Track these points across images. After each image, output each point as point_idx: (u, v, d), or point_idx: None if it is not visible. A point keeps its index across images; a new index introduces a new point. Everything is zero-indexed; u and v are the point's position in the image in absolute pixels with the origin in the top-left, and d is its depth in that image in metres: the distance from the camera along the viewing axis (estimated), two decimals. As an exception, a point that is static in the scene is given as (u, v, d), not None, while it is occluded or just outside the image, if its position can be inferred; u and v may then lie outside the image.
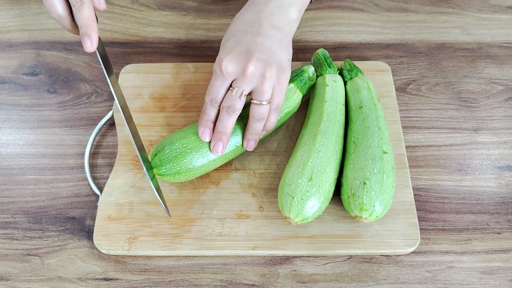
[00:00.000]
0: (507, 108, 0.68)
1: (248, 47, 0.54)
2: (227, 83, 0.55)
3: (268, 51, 0.55)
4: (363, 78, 0.64)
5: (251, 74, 0.53)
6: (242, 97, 0.54)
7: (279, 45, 0.56)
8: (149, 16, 0.79)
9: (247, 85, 0.54)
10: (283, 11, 0.58)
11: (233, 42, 0.55)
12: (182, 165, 0.56)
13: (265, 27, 0.56)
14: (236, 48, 0.54)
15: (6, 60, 0.75)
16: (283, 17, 0.57)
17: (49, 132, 0.67)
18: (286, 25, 0.58)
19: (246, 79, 0.54)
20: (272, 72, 0.54)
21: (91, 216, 0.60)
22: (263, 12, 0.57)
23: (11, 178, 0.63)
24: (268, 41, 0.55)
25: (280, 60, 0.56)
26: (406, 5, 0.79)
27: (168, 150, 0.56)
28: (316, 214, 0.54)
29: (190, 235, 0.57)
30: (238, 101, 0.54)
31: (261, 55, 0.54)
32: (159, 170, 0.57)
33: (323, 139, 0.57)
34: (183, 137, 0.57)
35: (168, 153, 0.56)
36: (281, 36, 0.57)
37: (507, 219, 0.59)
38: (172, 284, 0.55)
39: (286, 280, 0.55)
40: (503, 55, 0.73)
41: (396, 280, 0.55)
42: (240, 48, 0.54)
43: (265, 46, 0.55)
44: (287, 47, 0.58)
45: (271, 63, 0.54)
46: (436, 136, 0.65)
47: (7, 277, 0.56)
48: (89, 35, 0.50)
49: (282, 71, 0.55)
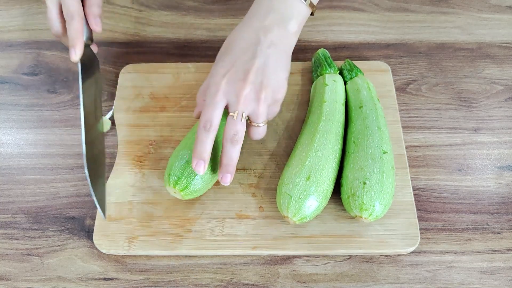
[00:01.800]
0: (507, 108, 0.68)
1: (244, 69, 0.53)
2: (222, 104, 0.53)
3: (264, 72, 0.54)
4: (363, 78, 0.64)
5: (246, 96, 0.53)
6: (243, 120, 0.53)
7: (275, 65, 0.55)
8: (149, 16, 0.79)
9: (244, 108, 0.53)
10: (283, 25, 0.56)
11: (229, 62, 0.54)
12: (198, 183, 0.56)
13: (263, 46, 0.54)
14: (232, 68, 0.54)
15: (6, 60, 0.75)
16: (282, 32, 0.56)
17: (49, 132, 0.67)
18: (285, 39, 0.56)
19: (242, 102, 0.53)
20: (268, 93, 0.54)
21: (91, 216, 0.60)
22: (261, 27, 0.55)
23: (11, 178, 0.63)
24: (264, 62, 0.54)
25: (277, 80, 0.55)
26: (406, 5, 0.79)
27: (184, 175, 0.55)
28: (315, 213, 0.54)
29: (190, 235, 0.57)
30: (240, 125, 0.53)
31: (257, 77, 0.53)
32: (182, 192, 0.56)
33: (322, 138, 0.57)
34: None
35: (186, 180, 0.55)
36: (278, 54, 0.55)
37: (507, 219, 0.59)
38: (172, 284, 0.55)
39: (286, 280, 0.55)
40: (503, 55, 0.73)
41: (396, 280, 0.55)
42: (235, 69, 0.54)
43: (261, 67, 0.54)
44: (285, 65, 0.56)
45: (267, 85, 0.53)
46: (436, 136, 0.65)
47: (7, 277, 0.56)
48: (74, 46, 0.56)
49: (277, 90, 0.55)
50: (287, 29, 0.56)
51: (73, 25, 0.55)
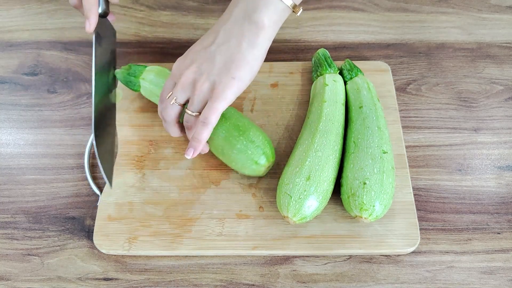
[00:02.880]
0: (507, 108, 0.68)
1: (193, 57, 0.54)
2: (171, 85, 0.56)
3: (210, 65, 0.52)
4: (363, 78, 0.64)
5: (183, 83, 0.54)
6: (173, 103, 0.55)
7: (225, 61, 0.52)
8: (149, 16, 0.79)
9: (180, 93, 0.55)
10: (249, 18, 0.51)
11: (191, 48, 0.56)
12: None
13: (220, 38, 0.53)
14: (187, 54, 0.56)
15: (6, 60, 0.75)
16: (247, 26, 0.52)
17: (49, 132, 0.67)
18: (250, 34, 0.52)
19: (179, 87, 0.55)
20: (204, 86, 0.53)
21: (91, 216, 0.60)
22: (227, 20, 0.53)
23: (11, 178, 0.63)
24: (215, 55, 0.52)
25: (220, 77, 0.52)
26: (406, 5, 0.79)
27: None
28: (315, 213, 0.54)
29: (190, 235, 0.57)
30: (169, 107, 0.56)
31: (200, 68, 0.53)
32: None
33: (322, 138, 0.57)
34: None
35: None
36: (233, 51, 0.52)
37: (507, 219, 0.59)
38: (172, 284, 0.55)
39: (286, 280, 0.55)
40: (503, 55, 0.73)
41: (396, 280, 0.55)
42: (187, 55, 0.55)
43: (209, 59, 0.53)
44: (237, 64, 0.52)
45: (207, 77, 0.53)
46: (436, 136, 0.65)
47: (7, 277, 0.56)
48: (88, 17, 0.57)
49: (219, 87, 0.52)
50: (256, 22, 0.51)
51: None
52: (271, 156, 0.58)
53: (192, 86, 0.54)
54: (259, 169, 0.57)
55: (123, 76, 0.64)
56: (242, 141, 0.57)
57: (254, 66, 0.53)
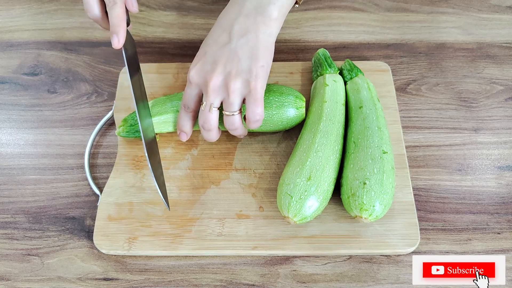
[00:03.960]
0: (507, 108, 0.68)
1: (214, 59, 0.53)
2: (196, 92, 0.56)
3: (235, 61, 0.53)
4: (363, 78, 0.64)
5: (214, 87, 0.53)
6: (212, 110, 0.55)
7: (249, 53, 0.53)
8: (149, 16, 0.79)
9: (213, 98, 0.54)
10: (261, 10, 0.54)
11: (204, 50, 0.55)
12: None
13: (236, 34, 0.53)
14: (203, 58, 0.54)
15: (6, 60, 0.75)
16: (260, 18, 0.54)
17: (49, 132, 0.67)
18: (263, 26, 0.54)
19: (210, 93, 0.54)
20: (236, 84, 0.53)
21: (91, 216, 0.60)
22: (239, 15, 0.54)
23: (11, 178, 0.63)
24: (236, 51, 0.53)
25: (250, 69, 0.53)
26: (406, 5, 0.79)
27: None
28: (315, 213, 0.54)
29: (190, 235, 0.57)
30: (209, 115, 0.55)
31: (226, 67, 0.53)
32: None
33: (322, 139, 0.57)
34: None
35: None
36: (254, 42, 0.53)
37: (507, 219, 0.59)
38: (172, 284, 0.55)
39: (286, 280, 0.55)
40: (503, 55, 0.73)
41: (396, 280, 0.55)
42: (206, 58, 0.54)
43: (231, 56, 0.53)
44: (263, 52, 0.54)
45: (237, 74, 0.53)
46: (436, 136, 0.65)
47: (7, 277, 0.56)
48: (117, 32, 0.54)
49: (253, 79, 0.53)
50: (266, 15, 0.54)
51: (115, 10, 0.54)
52: (302, 96, 0.61)
53: (225, 87, 0.53)
54: (302, 112, 0.60)
55: (127, 132, 0.62)
56: (274, 100, 0.60)
57: (272, 51, 0.56)
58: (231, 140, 0.64)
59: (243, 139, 0.64)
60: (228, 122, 0.56)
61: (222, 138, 0.64)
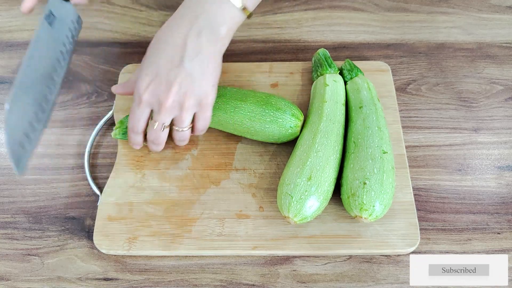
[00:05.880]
0: (507, 108, 0.68)
1: (168, 79, 0.53)
2: (146, 112, 0.56)
3: (189, 82, 0.53)
4: (363, 78, 0.64)
5: (168, 107, 0.54)
6: (164, 129, 0.56)
7: (202, 74, 0.54)
8: (149, 16, 0.79)
9: (166, 117, 0.55)
10: (212, 30, 0.53)
11: (154, 69, 0.53)
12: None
13: (190, 54, 0.53)
14: (156, 79, 0.53)
15: (6, 60, 0.75)
16: (211, 37, 0.53)
17: (49, 132, 0.67)
18: (214, 44, 0.54)
19: (164, 112, 0.54)
20: (191, 102, 0.54)
21: (91, 216, 0.60)
22: (191, 33, 0.53)
23: (11, 178, 0.63)
24: (190, 71, 0.53)
25: (203, 89, 0.54)
26: (406, 5, 0.79)
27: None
28: (315, 213, 0.54)
29: (190, 235, 0.57)
30: (160, 133, 0.57)
31: (181, 88, 0.53)
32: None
33: (323, 139, 0.57)
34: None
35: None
36: (207, 62, 0.53)
37: (507, 219, 0.59)
38: (172, 284, 0.55)
39: (286, 280, 0.55)
40: (503, 55, 0.73)
41: (396, 280, 0.55)
42: (160, 79, 0.53)
43: (186, 77, 0.53)
44: (213, 72, 0.54)
45: (191, 94, 0.53)
46: (436, 136, 0.65)
47: (7, 277, 0.56)
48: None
49: (205, 98, 0.55)
50: (217, 34, 0.53)
51: None
52: (300, 114, 0.60)
53: (178, 106, 0.54)
54: (295, 130, 0.60)
55: (123, 134, 0.63)
56: (268, 113, 0.59)
57: (221, 68, 0.56)
58: (231, 140, 0.64)
59: (243, 139, 0.64)
60: (177, 136, 0.58)
61: (222, 138, 0.64)
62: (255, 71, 0.70)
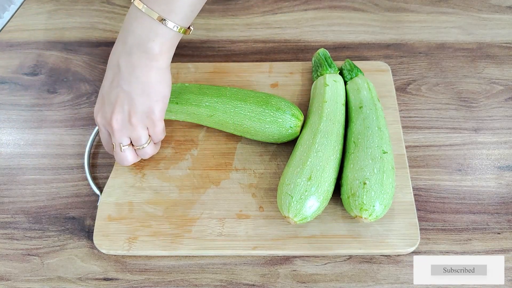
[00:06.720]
0: (507, 108, 0.68)
1: (111, 100, 0.55)
2: (107, 134, 0.58)
3: (129, 100, 0.54)
4: (363, 78, 0.64)
5: (117, 127, 0.55)
6: (123, 149, 0.57)
7: (141, 90, 0.54)
8: (149, 16, 0.79)
9: (121, 137, 0.56)
10: (142, 48, 0.53)
11: (101, 93, 0.56)
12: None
13: (124, 73, 0.54)
14: (102, 101, 0.56)
15: (6, 60, 0.75)
16: (144, 55, 0.53)
17: (49, 132, 0.67)
18: (150, 61, 0.53)
19: (116, 133, 0.56)
20: (137, 119, 0.55)
21: (91, 216, 0.60)
22: (122, 53, 0.54)
23: (11, 178, 0.63)
24: (128, 90, 0.54)
25: (144, 104, 0.54)
26: (406, 5, 0.79)
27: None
28: (315, 213, 0.54)
29: (190, 235, 0.57)
30: (123, 154, 0.58)
31: (123, 107, 0.54)
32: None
33: (323, 139, 0.57)
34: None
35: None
36: (144, 79, 0.53)
37: (507, 219, 0.59)
38: (172, 284, 0.55)
39: (286, 280, 0.55)
40: (503, 55, 0.73)
41: (396, 280, 0.55)
42: (104, 101, 0.56)
43: (125, 96, 0.54)
44: (154, 87, 0.54)
45: (134, 112, 0.54)
46: (436, 136, 0.65)
47: (7, 277, 0.56)
48: None
49: (152, 113, 0.55)
50: (148, 51, 0.53)
51: None
52: (300, 114, 0.60)
53: (128, 125, 0.55)
54: (295, 131, 0.60)
55: None
56: (268, 113, 0.59)
57: (167, 82, 0.56)
58: (231, 140, 0.64)
59: (243, 139, 0.64)
60: (140, 153, 0.59)
61: (222, 138, 0.64)
62: (255, 71, 0.70)
